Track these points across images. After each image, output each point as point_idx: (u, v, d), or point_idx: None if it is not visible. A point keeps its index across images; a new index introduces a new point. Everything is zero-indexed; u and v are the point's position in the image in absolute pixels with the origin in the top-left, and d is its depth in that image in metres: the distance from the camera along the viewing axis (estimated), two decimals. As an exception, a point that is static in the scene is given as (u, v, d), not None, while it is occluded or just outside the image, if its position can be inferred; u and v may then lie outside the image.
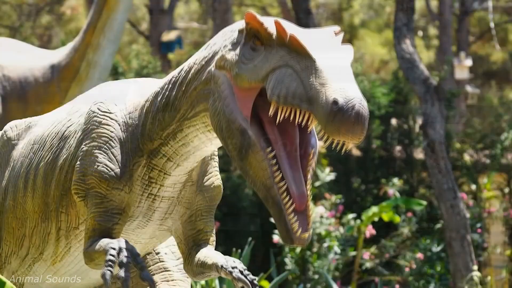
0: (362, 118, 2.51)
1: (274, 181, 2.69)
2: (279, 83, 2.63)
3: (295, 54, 2.65)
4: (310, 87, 2.56)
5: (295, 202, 2.70)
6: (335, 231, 9.48)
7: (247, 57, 2.77)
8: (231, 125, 2.75)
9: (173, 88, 3.01)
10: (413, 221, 10.48)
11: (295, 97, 2.59)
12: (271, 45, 2.71)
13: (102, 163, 3.06)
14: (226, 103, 2.77)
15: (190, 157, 3.06)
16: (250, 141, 2.72)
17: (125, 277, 2.77)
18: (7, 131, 3.64)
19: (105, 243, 2.92)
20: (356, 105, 2.50)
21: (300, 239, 2.68)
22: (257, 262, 10.93)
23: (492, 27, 23.38)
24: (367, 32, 27.65)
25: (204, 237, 3.24)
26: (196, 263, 3.19)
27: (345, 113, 2.49)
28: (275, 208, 2.69)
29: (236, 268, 3.03)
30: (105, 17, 7.51)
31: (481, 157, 11.93)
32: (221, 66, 2.84)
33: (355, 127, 2.50)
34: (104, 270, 2.78)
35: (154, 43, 18.88)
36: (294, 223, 2.67)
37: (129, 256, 2.82)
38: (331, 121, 2.50)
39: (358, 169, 12.15)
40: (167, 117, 3.01)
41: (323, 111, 2.51)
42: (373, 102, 12.10)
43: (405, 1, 8.89)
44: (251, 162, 2.72)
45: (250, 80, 2.73)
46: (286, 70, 2.64)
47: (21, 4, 21.93)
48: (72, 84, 7.66)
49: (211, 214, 3.26)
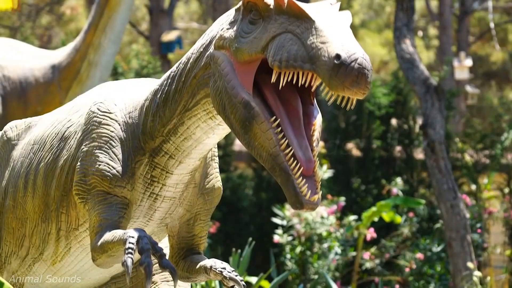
0: (366, 70, 2.50)
1: (280, 149, 2.67)
2: (279, 49, 2.63)
3: (294, 19, 2.65)
4: (311, 47, 2.56)
5: (303, 167, 2.67)
6: (336, 232, 9.48)
7: (245, 30, 2.77)
8: (234, 100, 2.74)
9: (173, 82, 3.01)
10: (414, 221, 10.48)
11: (296, 59, 2.58)
12: (269, 15, 2.72)
13: (103, 162, 3.06)
14: (227, 80, 2.77)
15: (192, 152, 3.05)
16: (254, 112, 2.71)
17: (147, 262, 2.75)
18: (7, 131, 3.64)
19: (120, 233, 2.89)
20: (358, 58, 2.50)
21: (309, 202, 2.65)
22: (257, 262, 10.93)
23: (492, 27, 23.37)
24: (367, 32, 27.66)
25: (197, 242, 3.27)
26: (182, 267, 3.22)
27: (348, 66, 2.49)
28: (283, 175, 2.67)
29: (225, 269, 3.04)
30: (107, 17, 7.51)
31: (481, 157, 11.92)
32: (220, 45, 2.84)
33: (359, 79, 2.50)
34: (125, 257, 2.76)
35: (154, 43, 18.88)
36: (303, 186, 2.65)
37: (148, 243, 2.81)
38: (334, 75, 2.49)
39: (358, 169, 12.15)
40: (167, 111, 3.01)
41: (326, 67, 2.51)
42: (373, 102, 12.10)
43: (405, 1, 8.89)
44: (255, 133, 2.71)
45: (250, 52, 2.72)
46: (286, 35, 2.64)
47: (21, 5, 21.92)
48: (73, 84, 7.66)
49: (208, 218, 3.28)
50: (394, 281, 10.08)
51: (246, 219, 11.79)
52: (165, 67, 17.25)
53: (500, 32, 26.59)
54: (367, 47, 26.52)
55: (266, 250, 10.42)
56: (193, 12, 29.19)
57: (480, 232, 10.32)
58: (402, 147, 12.30)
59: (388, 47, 26.40)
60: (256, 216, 11.85)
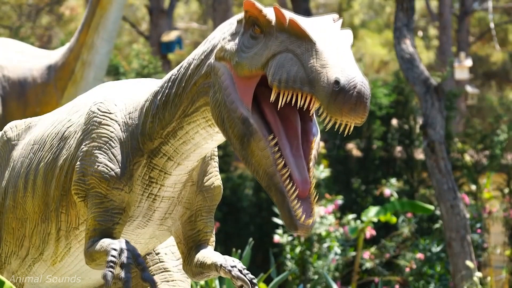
0: (364, 97, 2.50)
1: (277, 169, 2.68)
2: (279, 68, 2.62)
3: (295, 38, 2.64)
4: (311, 69, 2.56)
5: (298, 188, 2.68)
6: (335, 232, 9.48)
7: (246, 45, 2.76)
8: (232, 114, 2.74)
9: (173, 86, 3.00)
10: (413, 222, 10.47)
11: (296, 80, 2.58)
12: (270, 32, 2.71)
13: (102, 163, 3.06)
14: (226, 93, 2.76)
15: (191, 155, 3.05)
16: (252, 129, 2.71)
17: (126, 278, 2.77)
18: (7, 131, 3.64)
19: (106, 243, 2.92)
20: (357, 84, 2.50)
21: (304, 226, 2.66)
22: (257, 262, 10.93)
23: (492, 28, 23.38)
24: (367, 33, 27.65)
25: (204, 237, 3.24)
26: (195, 263, 3.19)
27: (346, 92, 2.48)
28: (278, 195, 2.68)
29: (235, 267, 3.03)
30: (99, 16, 7.49)
31: (481, 157, 11.92)
32: (221, 57, 2.83)
33: (357, 106, 2.50)
34: (105, 271, 2.78)
35: (154, 43, 18.87)
36: (298, 209, 2.66)
37: (130, 257, 2.81)
38: (333, 101, 2.49)
39: (358, 169, 12.15)
40: (167, 115, 3.01)
41: (324, 91, 2.51)
42: (374, 102, 12.10)
43: (405, 1, 8.89)
44: (253, 150, 2.71)
45: (250, 68, 2.72)
46: (286, 55, 2.64)
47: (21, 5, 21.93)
48: (68, 84, 7.64)
49: (211, 214, 3.26)
50: (394, 281, 10.08)
51: (246, 219, 11.78)
52: (166, 67, 17.25)
53: (500, 32, 26.58)
54: (367, 47, 26.52)
55: (266, 250, 10.42)
56: (193, 12, 29.19)
57: (480, 232, 10.31)
58: (402, 148, 12.30)
59: (388, 47, 26.38)
60: (256, 216, 11.85)
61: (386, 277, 10.03)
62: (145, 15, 25.34)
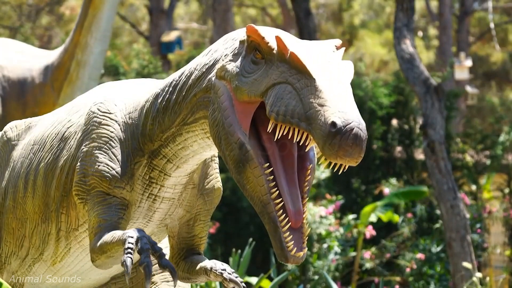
0: (360, 141, 2.51)
1: (271, 197, 2.70)
2: (278, 100, 2.63)
3: (295, 71, 2.65)
4: (309, 106, 2.56)
5: (291, 220, 2.71)
6: (335, 232, 9.48)
7: (247, 70, 2.77)
8: (230, 137, 2.75)
9: (173, 92, 3.00)
10: (413, 222, 10.47)
11: (293, 115, 2.59)
12: (271, 59, 2.72)
13: (102, 162, 3.06)
14: (225, 115, 2.77)
15: (190, 160, 3.06)
16: (248, 156, 2.72)
17: (146, 262, 2.76)
18: (7, 131, 3.64)
19: (119, 233, 2.90)
20: (354, 128, 2.51)
21: (294, 258, 2.70)
22: (257, 263, 10.93)
23: (492, 28, 23.38)
24: (367, 33, 27.64)
25: (198, 242, 3.27)
26: (182, 268, 3.22)
27: (342, 135, 2.49)
28: (271, 225, 2.70)
29: (225, 270, 3.04)
30: (91, 16, 7.48)
31: (482, 157, 11.92)
32: (222, 76, 2.83)
33: (353, 150, 2.51)
34: (124, 257, 2.77)
35: (154, 43, 18.87)
36: (289, 242, 2.69)
37: (148, 243, 2.81)
38: (328, 143, 2.51)
39: (359, 169, 12.14)
40: (167, 120, 3.01)
41: (321, 132, 2.52)
42: (374, 102, 12.09)
43: (405, 2, 8.89)
44: (248, 176, 2.73)
45: (249, 94, 2.73)
46: (285, 87, 2.64)
47: (21, 5, 21.93)
48: (64, 84, 7.64)
49: (208, 218, 3.28)
50: (394, 281, 10.08)
51: (246, 219, 11.78)
52: (165, 67, 17.25)
53: (500, 33, 26.59)
54: (367, 47, 26.52)
55: (266, 250, 10.42)
56: (193, 12, 29.20)
57: (480, 232, 10.32)
58: (402, 148, 12.29)
59: (388, 47, 26.38)
60: (256, 217, 11.84)
61: (386, 277, 10.03)
62: (145, 15, 25.35)
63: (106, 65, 11.74)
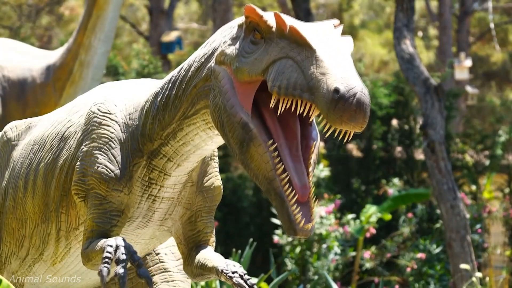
0: (364, 105, 2.51)
1: (276, 173, 2.69)
2: (279, 75, 2.63)
3: (295, 45, 2.65)
4: (311, 77, 2.57)
5: (298, 193, 2.69)
6: (335, 232, 9.48)
7: (247, 50, 2.77)
8: (232, 119, 2.74)
9: (173, 87, 3.00)
10: (413, 222, 10.47)
11: (296, 87, 2.59)
12: (271, 37, 2.72)
13: (102, 164, 3.06)
14: (226, 98, 2.77)
15: (191, 157, 3.05)
16: (252, 134, 2.71)
17: (122, 273, 2.77)
18: (7, 131, 3.64)
19: (102, 241, 2.93)
20: (357, 93, 2.51)
21: (303, 230, 2.67)
22: (257, 263, 10.93)
23: (492, 28, 23.38)
24: (367, 33, 27.65)
25: (204, 237, 3.24)
26: (196, 264, 3.19)
27: (346, 101, 2.49)
28: (278, 200, 2.69)
29: (237, 273, 3.03)
30: (95, 17, 7.49)
31: (481, 157, 11.92)
32: (221, 61, 2.84)
33: (357, 114, 2.50)
34: (101, 267, 2.78)
35: (154, 43, 18.88)
36: (297, 214, 2.67)
37: (126, 253, 2.81)
38: (332, 109, 2.50)
39: (359, 169, 12.14)
40: (167, 116, 3.01)
41: (324, 100, 2.52)
42: (374, 102, 12.09)
43: (405, 2, 8.89)
44: (252, 155, 2.72)
45: (250, 73, 2.73)
46: (286, 62, 2.64)
47: (21, 5, 21.93)
48: (66, 85, 7.65)
49: (211, 214, 3.26)
50: (394, 281, 10.08)
51: (246, 219, 11.78)
52: (165, 67, 17.25)
53: (500, 33, 26.58)
54: (367, 47, 26.52)
55: (266, 251, 10.42)
56: (193, 12, 29.19)
57: (480, 232, 10.31)
58: (402, 148, 12.29)
59: (388, 47, 26.39)
60: (256, 217, 11.85)
61: (386, 277, 10.03)
62: (145, 15, 25.35)
63: (106, 65, 11.74)
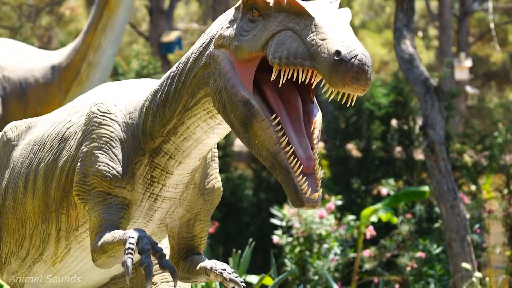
0: (365, 66, 2.52)
1: (280, 147, 2.68)
2: (279, 46, 2.64)
3: (293, 16, 2.66)
4: (311, 43, 2.57)
5: (303, 164, 2.69)
6: (335, 232, 9.48)
7: (245, 29, 2.78)
8: (234, 98, 2.75)
9: (172, 82, 3.01)
10: (412, 222, 10.47)
11: (296, 56, 2.59)
12: (269, 13, 2.72)
13: (103, 162, 3.06)
14: (227, 78, 2.77)
15: (192, 153, 3.05)
16: (254, 111, 2.72)
17: (147, 262, 2.76)
18: (7, 132, 3.64)
19: (120, 233, 2.90)
20: (358, 54, 2.52)
21: (310, 200, 2.66)
22: (257, 263, 10.93)
23: (492, 28, 23.37)
24: (367, 33, 27.66)
25: (198, 242, 3.27)
26: (182, 268, 3.22)
27: (348, 62, 2.50)
28: (283, 173, 2.67)
29: (225, 270, 3.04)
30: (106, 18, 7.50)
31: (481, 158, 11.92)
32: (220, 44, 2.84)
33: (359, 75, 2.51)
34: (125, 258, 2.77)
35: (154, 44, 18.88)
36: (303, 184, 2.66)
37: (148, 243, 2.81)
38: (335, 72, 2.50)
39: (358, 169, 12.15)
40: (167, 112, 3.01)
41: (326, 63, 2.52)
42: (373, 102, 12.09)
43: (405, 2, 8.89)
44: (256, 131, 2.72)
45: (250, 50, 2.73)
46: (286, 33, 2.65)
47: (21, 5, 21.93)
48: (73, 85, 7.66)
49: (208, 218, 3.28)
50: (394, 282, 10.08)
51: (246, 219, 11.79)
52: (165, 67, 17.25)
53: (500, 33, 26.57)
54: (368, 47, 26.50)
55: (266, 251, 10.42)
56: (193, 13, 29.19)
57: (479, 232, 10.31)
58: (402, 148, 12.29)
59: (388, 47, 26.39)
60: (256, 217, 11.85)
61: (386, 278, 10.03)
62: (145, 15, 25.35)
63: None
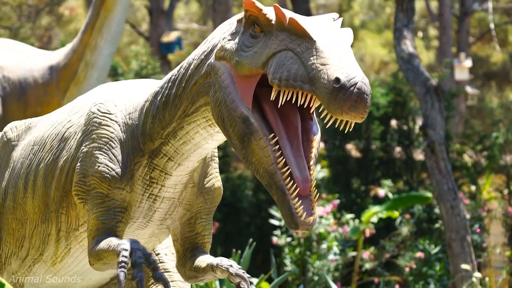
0: (364, 95, 2.51)
1: (277, 167, 2.68)
2: (280, 67, 2.63)
3: (295, 37, 2.65)
4: (312, 67, 2.56)
5: (299, 187, 2.69)
6: (335, 232, 9.48)
7: (247, 44, 2.77)
8: (233, 113, 2.74)
9: (173, 86, 3.00)
10: (411, 222, 10.46)
11: (296, 79, 2.58)
12: (270, 31, 2.71)
13: (102, 163, 3.06)
14: (227, 92, 2.77)
15: (191, 156, 3.05)
16: (252, 128, 2.71)
17: (139, 277, 2.76)
18: (7, 132, 3.64)
19: (115, 243, 2.90)
20: (358, 82, 2.51)
21: (304, 223, 2.66)
22: (257, 263, 10.93)
23: (492, 28, 23.36)
24: (367, 33, 27.66)
25: (201, 240, 3.25)
26: (189, 267, 3.20)
27: (347, 90, 2.49)
28: (279, 194, 2.68)
29: (232, 266, 3.03)
30: (103, 17, 7.49)
31: (481, 158, 11.92)
32: (221, 56, 2.83)
33: (358, 104, 2.50)
34: (117, 271, 2.77)
35: (154, 44, 18.87)
36: (299, 207, 2.66)
37: (142, 256, 2.81)
38: (333, 99, 2.50)
39: (358, 170, 12.14)
40: (167, 115, 3.01)
41: (325, 90, 2.51)
42: (372, 102, 12.08)
43: (405, 2, 8.89)
44: (253, 149, 2.72)
45: (250, 66, 2.72)
46: (286, 54, 2.64)
47: (21, 5, 21.92)
48: (71, 85, 7.64)
49: (210, 216, 3.27)
50: (393, 282, 10.07)
51: (246, 219, 11.78)
52: (165, 68, 17.25)
53: (500, 33, 26.57)
54: (367, 48, 26.52)
55: (266, 251, 10.42)
56: (193, 13, 29.19)
57: (479, 232, 10.31)
58: (402, 148, 12.29)
59: (388, 47, 26.39)
60: (256, 217, 11.85)
61: (386, 278, 10.03)
62: (145, 16, 25.35)
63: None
